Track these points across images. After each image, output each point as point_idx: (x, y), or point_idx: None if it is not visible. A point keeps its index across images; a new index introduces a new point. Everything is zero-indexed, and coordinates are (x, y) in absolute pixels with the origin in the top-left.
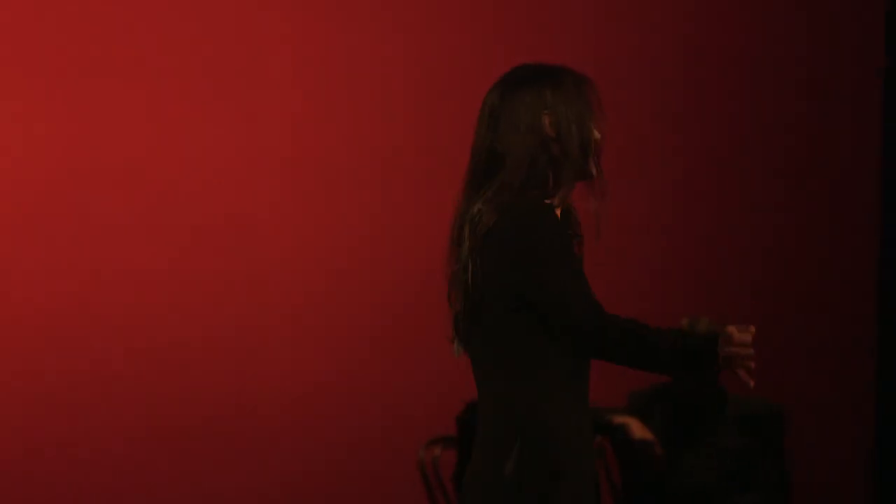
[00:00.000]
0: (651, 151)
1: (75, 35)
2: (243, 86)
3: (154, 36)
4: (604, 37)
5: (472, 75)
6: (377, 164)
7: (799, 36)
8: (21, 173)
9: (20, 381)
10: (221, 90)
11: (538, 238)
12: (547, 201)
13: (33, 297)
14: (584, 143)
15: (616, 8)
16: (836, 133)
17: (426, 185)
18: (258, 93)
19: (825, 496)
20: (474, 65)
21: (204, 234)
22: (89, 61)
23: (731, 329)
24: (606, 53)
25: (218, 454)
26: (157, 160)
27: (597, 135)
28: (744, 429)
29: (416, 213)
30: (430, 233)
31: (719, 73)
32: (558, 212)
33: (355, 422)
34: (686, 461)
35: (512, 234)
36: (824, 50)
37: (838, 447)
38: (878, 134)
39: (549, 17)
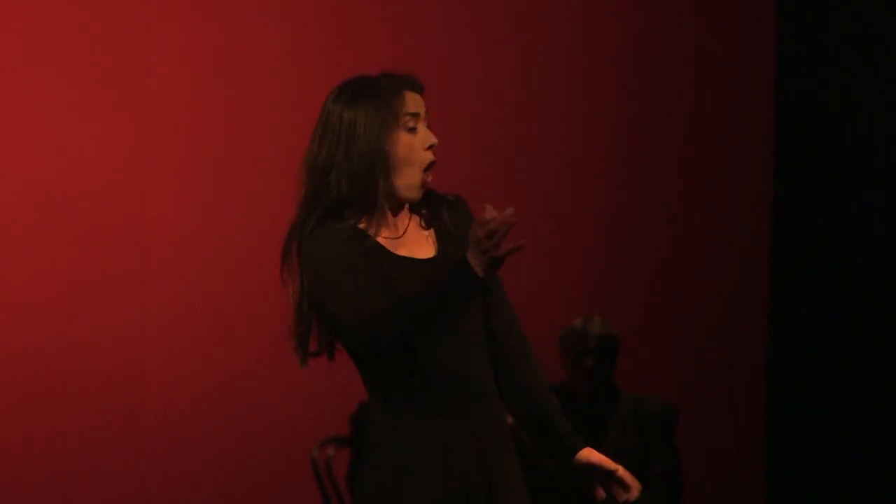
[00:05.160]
0: (543, 151)
1: None
2: (132, 85)
3: (42, 34)
4: (494, 36)
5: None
6: (269, 166)
7: (690, 35)
8: None
9: None
10: (110, 89)
11: (307, 269)
12: (362, 224)
13: None
14: (372, 159)
15: (507, 6)
16: (729, 134)
17: None
18: (147, 92)
19: (717, 495)
20: (366, 63)
21: (92, 235)
22: None
23: (477, 230)
24: (496, 53)
25: (105, 460)
26: (44, 160)
27: (392, 146)
28: (637, 428)
29: None
30: None
31: (610, 72)
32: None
33: (248, 421)
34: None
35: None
36: (716, 49)
37: (730, 446)
38: (770, 134)
39: (438, 16)
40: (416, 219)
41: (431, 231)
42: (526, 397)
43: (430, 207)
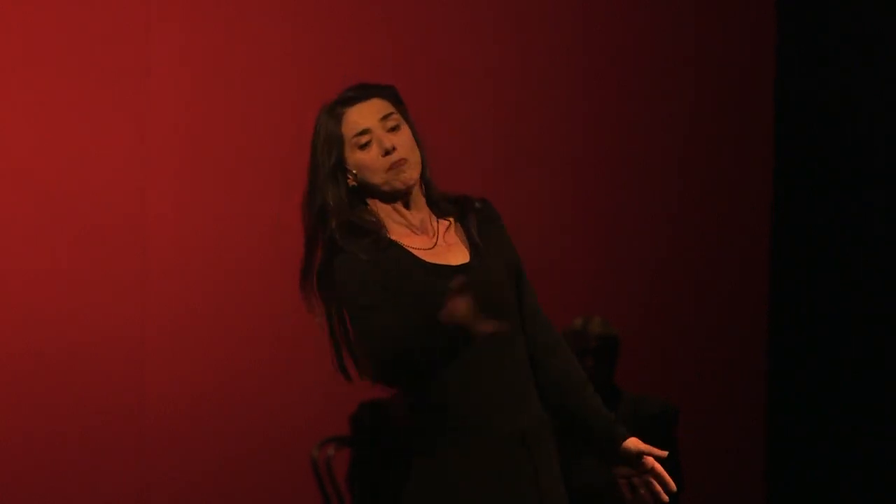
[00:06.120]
0: (543, 151)
1: None
2: (132, 85)
3: (42, 34)
4: (493, 36)
5: (365, 73)
6: (269, 166)
7: (690, 35)
8: None
9: None
10: (110, 89)
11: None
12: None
13: None
14: (322, 176)
15: (507, 6)
16: (729, 134)
17: None
18: (147, 92)
19: (717, 495)
20: (366, 63)
21: (92, 235)
22: None
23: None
24: (496, 53)
25: (105, 460)
26: (44, 160)
27: (355, 169)
28: (637, 428)
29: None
30: None
31: (610, 72)
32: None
33: (248, 421)
34: (579, 462)
35: None
36: (716, 49)
37: (730, 446)
38: (770, 134)
39: (438, 16)
40: (444, 223)
41: (463, 236)
42: (565, 391)
43: (461, 210)
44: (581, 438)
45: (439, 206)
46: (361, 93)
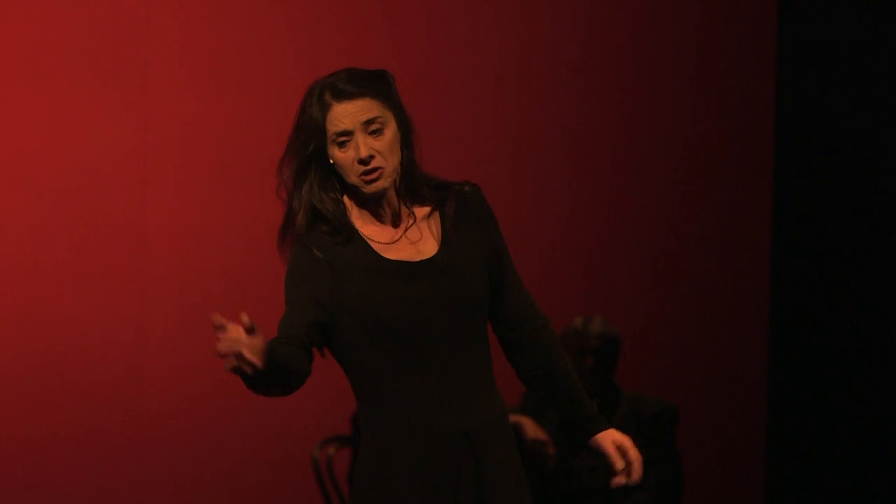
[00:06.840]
0: (543, 151)
1: None
2: (132, 84)
3: (45, 34)
4: (496, 35)
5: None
6: (270, 166)
7: (690, 35)
8: None
9: None
10: (112, 89)
11: None
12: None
13: None
14: (296, 169)
15: (507, 6)
16: (729, 134)
17: None
18: (148, 92)
19: (717, 495)
20: (366, 63)
21: (93, 234)
22: None
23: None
24: (497, 52)
25: (105, 460)
26: (46, 159)
27: (333, 159)
28: (637, 428)
29: None
30: None
31: (611, 72)
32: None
33: (248, 421)
34: (578, 461)
35: None
36: (716, 49)
37: (730, 446)
38: (769, 134)
39: (438, 16)
40: (420, 211)
41: (439, 225)
42: (547, 379)
43: (437, 199)
44: (562, 424)
45: (420, 194)
46: (353, 89)
